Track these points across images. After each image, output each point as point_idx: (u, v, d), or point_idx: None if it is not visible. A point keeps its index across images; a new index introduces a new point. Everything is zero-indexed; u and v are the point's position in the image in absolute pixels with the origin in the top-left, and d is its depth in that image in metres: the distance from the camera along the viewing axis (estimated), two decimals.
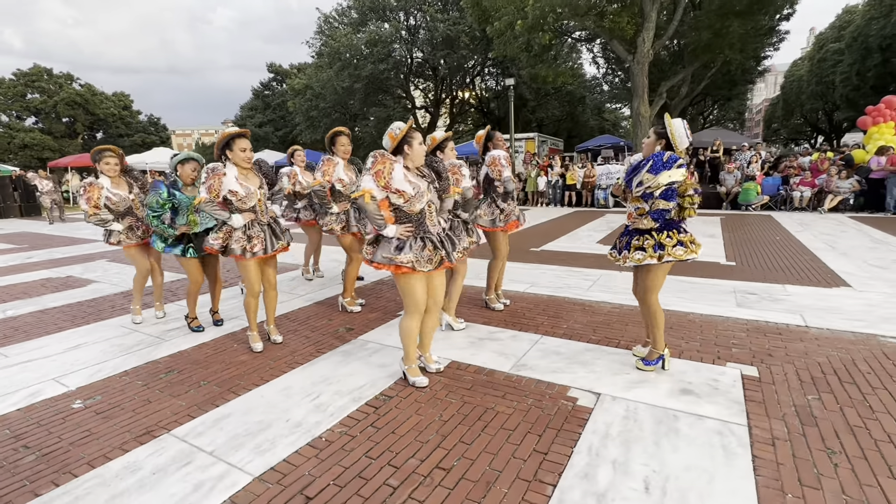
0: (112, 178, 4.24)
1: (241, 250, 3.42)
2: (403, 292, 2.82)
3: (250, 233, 3.45)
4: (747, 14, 16.11)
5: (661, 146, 2.84)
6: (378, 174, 2.64)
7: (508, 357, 3.35)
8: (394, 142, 2.69)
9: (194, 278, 4.04)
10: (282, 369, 3.29)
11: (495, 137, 4.14)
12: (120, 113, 42.70)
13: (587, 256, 6.95)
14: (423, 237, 2.76)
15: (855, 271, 5.50)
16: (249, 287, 3.56)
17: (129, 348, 3.78)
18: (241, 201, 3.40)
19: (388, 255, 2.71)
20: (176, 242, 3.93)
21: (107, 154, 4.22)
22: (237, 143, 3.36)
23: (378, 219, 2.69)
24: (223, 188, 3.32)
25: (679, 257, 2.82)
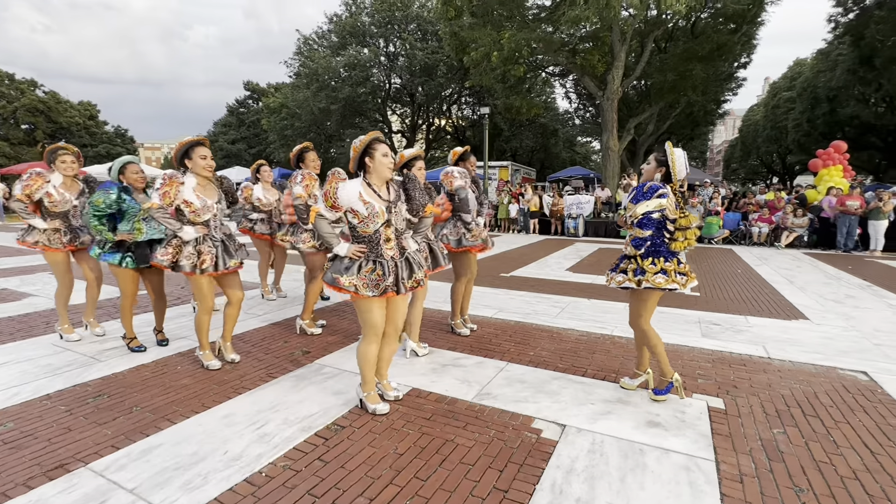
0: (66, 177, 3.94)
1: (190, 267, 3.19)
2: (360, 315, 2.67)
3: (201, 248, 3.23)
4: (709, 59, 17.09)
5: (660, 174, 2.82)
6: (325, 194, 2.55)
7: (472, 385, 3.20)
8: (354, 153, 2.57)
9: (127, 290, 3.71)
10: (227, 395, 3.02)
11: (468, 160, 4.08)
12: (85, 122, 41.25)
13: (556, 283, 6.92)
14: (375, 260, 2.62)
15: (812, 305, 5.65)
16: (203, 304, 3.31)
17: (56, 369, 3.43)
18: (195, 213, 3.20)
19: (334, 275, 2.58)
20: (113, 250, 3.63)
21: (61, 152, 3.94)
22: (196, 151, 3.18)
23: (329, 236, 2.58)
24: (178, 197, 3.12)
25: (657, 285, 2.78)
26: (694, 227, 2.82)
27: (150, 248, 3.63)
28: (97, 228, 3.50)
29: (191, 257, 3.20)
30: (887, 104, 27.05)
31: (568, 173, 22.86)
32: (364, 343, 2.69)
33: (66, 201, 3.91)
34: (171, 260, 3.20)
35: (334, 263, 2.63)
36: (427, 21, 26.89)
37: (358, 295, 2.55)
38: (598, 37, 16.20)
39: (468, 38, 16.42)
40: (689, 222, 2.80)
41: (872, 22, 22.71)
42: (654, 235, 2.81)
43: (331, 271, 2.61)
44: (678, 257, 2.87)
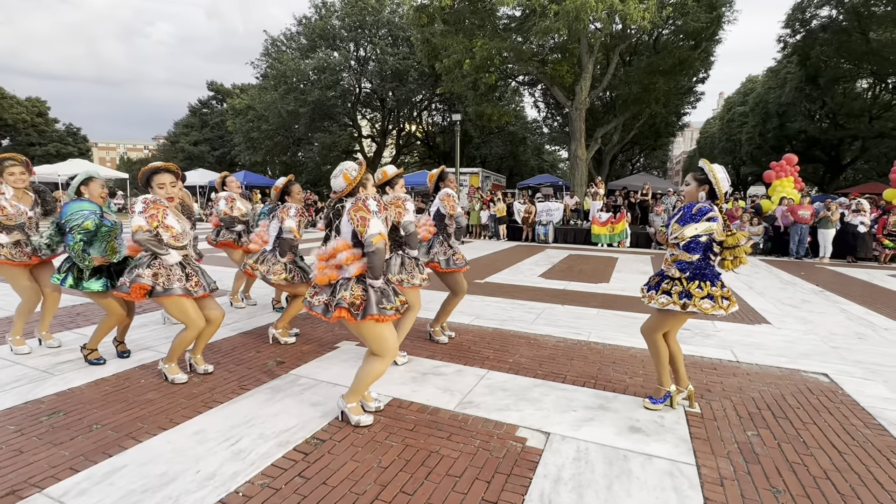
0: (17, 189, 3.66)
1: (182, 289, 3.07)
2: (378, 339, 2.59)
3: (189, 271, 3.13)
4: (670, 73, 17.82)
5: (704, 192, 2.74)
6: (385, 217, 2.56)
7: (454, 393, 3.16)
8: (350, 184, 2.51)
9: (117, 312, 3.51)
10: (197, 409, 2.86)
11: (447, 178, 4.11)
12: (33, 120, 38.99)
13: (530, 289, 6.98)
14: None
15: (772, 309, 5.92)
16: (192, 324, 3.15)
17: (4, 385, 3.16)
18: (176, 238, 3.06)
19: (385, 305, 2.54)
20: (95, 276, 3.39)
21: (8, 163, 3.63)
22: (156, 179, 3.06)
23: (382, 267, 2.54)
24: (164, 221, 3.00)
25: (704, 311, 2.69)
26: (744, 245, 2.71)
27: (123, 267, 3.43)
28: (82, 257, 3.27)
29: (182, 279, 3.07)
30: (830, 120, 28.95)
31: (537, 181, 23.29)
32: (380, 363, 2.63)
33: (20, 213, 3.64)
34: (153, 281, 3.02)
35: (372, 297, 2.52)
36: (398, 27, 26.87)
37: (386, 319, 2.53)
38: (566, 48, 16.64)
39: (440, 46, 16.51)
40: (738, 240, 2.70)
41: (817, 43, 24.34)
42: (700, 258, 2.73)
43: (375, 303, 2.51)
44: (721, 280, 2.80)
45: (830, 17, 23.82)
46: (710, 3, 15.36)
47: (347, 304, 2.49)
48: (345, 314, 2.49)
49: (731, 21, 16.50)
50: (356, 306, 2.50)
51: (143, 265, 3.05)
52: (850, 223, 11.94)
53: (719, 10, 15.67)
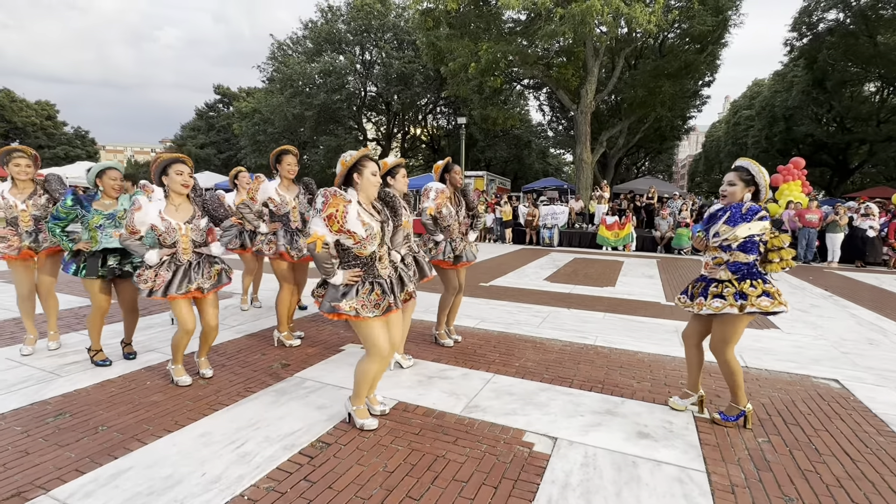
0: (21, 181, 3.68)
1: (147, 291, 3.04)
2: (363, 338, 2.56)
3: (158, 270, 3.08)
4: (676, 77, 17.77)
5: (750, 192, 2.68)
6: (331, 218, 2.37)
7: (460, 397, 3.13)
8: (343, 168, 2.49)
9: (98, 303, 3.50)
10: (202, 411, 2.86)
11: (453, 170, 4.04)
12: (42, 123, 39.41)
13: (535, 293, 6.95)
14: (372, 281, 2.55)
15: (781, 315, 5.84)
16: (182, 324, 3.14)
17: (11, 385, 3.17)
18: (162, 237, 3.07)
19: (333, 304, 2.47)
20: (71, 261, 3.44)
21: (16, 154, 3.67)
22: (173, 168, 3.04)
23: (328, 266, 2.44)
24: (143, 223, 2.98)
25: (765, 308, 2.61)
26: (787, 247, 2.66)
27: (101, 259, 3.44)
28: (57, 236, 3.34)
29: (147, 280, 3.06)
30: (838, 124, 28.77)
31: (542, 184, 23.21)
32: (368, 361, 2.58)
33: (9, 206, 3.66)
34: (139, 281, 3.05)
35: (329, 291, 2.51)
36: (404, 31, 26.98)
37: (359, 318, 2.47)
38: (572, 52, 16.63)
39: (445, 49, 16.55)
40: (782, 242, 2.66)
41: (824, 47, 24.22)
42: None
43: (328, 300, 2.48)
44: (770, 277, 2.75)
45: (837, 20, 23.71)
46: (716, 6, 15.34)
47: (316, 294, 2.60)
48: (316, 303, 2.61)
49: (737, 25, 16.47)
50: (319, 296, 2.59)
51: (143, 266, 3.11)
52: (859, 227, 11.84)
53: (725, 13, 15.62)
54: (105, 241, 3.43)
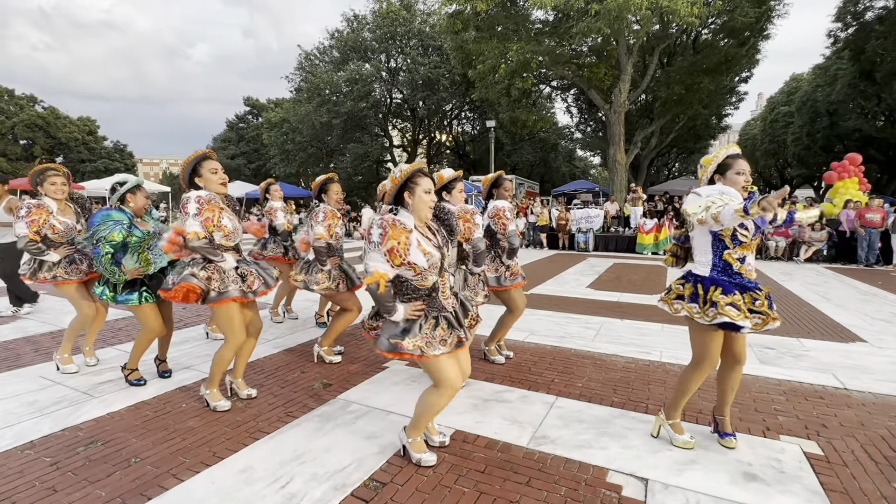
0: (58, 201, 3.56)
1: (239, 291, 2.82)
2: (431, 375, 2.24)
3: (243, 271, 2.88)
4: (715, 72, 17.00)
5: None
6: (392, 252, 2.06)
7: (524, 426, 2.78)
8: (393, 185, 2.18)
9: (152, 326, 3.28)
10: (241, 440, 2.59)
11: (503, 185, 3.72)
12: (84, 138, 41.08)
13: (581, 302, 6.53)
14: (436, 315, 2.23)
15: (861, 325, 5.26)
16: (234, 337, 2.88)
17: (44, 408, 2.99)
18: (228, 238, 2.83)
19: (393, 341, 2.15)
20: (129, 290, 3.19)
21: (51, 173, 3.55)
22: (205, 166, 2.81)
23: (389, 304, 2.14)
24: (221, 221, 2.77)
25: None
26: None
27: (161, 277, 3.24)
28: (111, 270, 3.09)
29: (237, 280, 2.84)
30: (886, 117, 27.12)
31: (573, 187, 22.63)
32: (436, 395, 2.25)
33: (69, 229, 3.58)
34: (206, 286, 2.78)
35: (387, 326, 2.20)
36: (429, 36, 26.92)
37: (425, 357, 2.15)
38: (604, 50, 16.11)
39: (474, 52, 16.29)
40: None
41: (873, 37, 22.84)
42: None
43: (386, 337, 2.17)
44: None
45: (887, 8, 22.33)
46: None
47: (367, 327, 2.36)
48: (366, 335, 2.35)
49: (781, 15, 15.61)
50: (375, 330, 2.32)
51: (198, 265, 2.78)
52: None
53: (769, 2, 14.81)
54: (159, 260, 3.23)
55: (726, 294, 2.29)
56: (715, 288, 2.33)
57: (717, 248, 2.37)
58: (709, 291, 2.34)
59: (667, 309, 2.55)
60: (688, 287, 2.45)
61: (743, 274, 2.35)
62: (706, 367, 2.45)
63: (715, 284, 2.35)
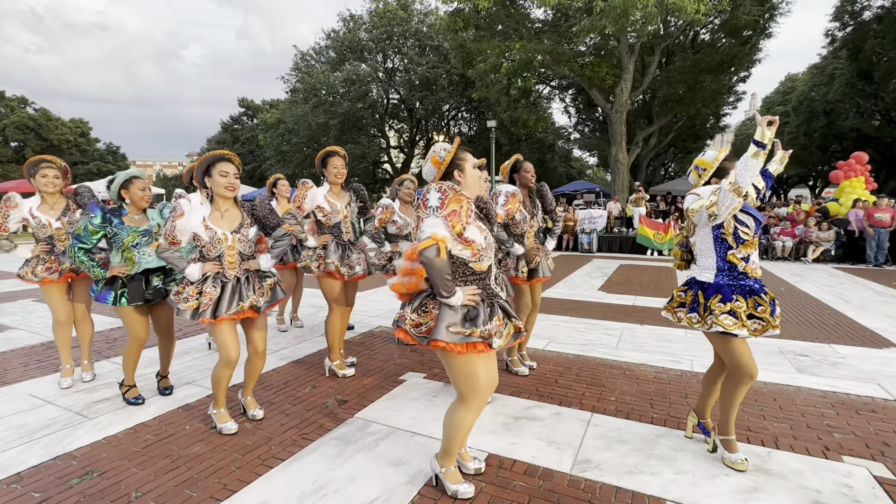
0: (49, 194, 3.29)
1: (190, 312, 2.56)
2: (463, 378, 1.97)
3: (203, 287, 2.59)
4: (717, 71, 16.88)
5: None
6: (454, 216, 1.83)
7: (562, 448, 2.54)
8: (439, 168, 1.96)
9: (136, 333, 3.03)
10: (254, 468, 2.34)
11: (522, 168, 3.48)
12: (76, 140, 40.50)
13: (595, 306, 6.31)
14: (491, 303, 1.99)
15: (890, 328, 5.07)
16: (226, 353, 2.64)
17: (34, 431, 2.73)
18: (205, 248, 2.59)
19: (460, 329, 1.87)
20: (107, 288, 2.95)
21: (44, 165, 3.27)
22: (217, 168, 2.57)
23: (448, 279, 1.85)
24: (183, 232, 2.53)
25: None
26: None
27: (145, 281, 2.98)
28: (85, 264, 2.86)
29: (189, 299, 2.57)
30: (883, 116, 27.18)
31: (572, 187, 22.47)
32: (464, 409, 2.00)
33: (41, 226, 3.27)
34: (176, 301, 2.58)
35: (444, 315, 1.88)
36: (427, 36, 26.70)
37: (489, 349, 1.91)
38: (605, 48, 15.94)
39: (475, 51, 16.07)
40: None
41: (871, 36, 22.85)
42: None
43: (444, 325, 1.86)
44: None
45: (884, 7, 22.35)
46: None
47: (408, 325, 1.96)
48: (403, 335, 1.99)
49: (783, 13, 15.50)
50: (422, 328, 1.94)
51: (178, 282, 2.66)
52: None
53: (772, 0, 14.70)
54: (145, 261, 2.98)
55: (725, 302, 2.22)
56: (716, 295, 2.26)
57: (720, 249, 2.30)
58: (710, 299, 2.26)
59: (670, 318, 2.47)
60: (689, 295, 2.38)
61: (749, 273, 2.27)
62: (743, 377, 2.29)
63: (717, 291, 2.27)
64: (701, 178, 2.56)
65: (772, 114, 37.76)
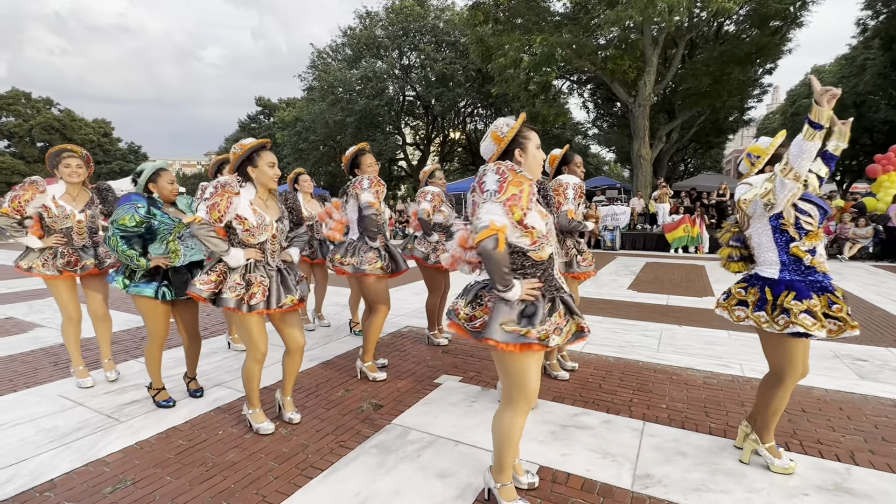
0: (72, 184, 3.20)
1: (235, 301, 2.42)
2: (513, 378, 1.80)
3: (250, 277, 2.47)
4: (746, 62, 16.35)
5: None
6: (514, 201, 1.65)
7: (619, 460, 2.37)
8: (499, 145, 1.79)
9: (156, 331, 2.93)
10: (292, 478, 2.22)
11: (573, 161, 3.32)
12: (99, 140, 41.33)
13: (627, 305, 6.08)
14: (553, 297, 1.80)
15: None
16: (253, 349, 2.54)
17: (65, 435, 2.65)
18: (250, 233, 2.45)
19: (517, 327, 1.69)
20: (147, 280, 2.85)
21: (66, 154, 3.17)
22: (263, 157, 2.45)
23: (506, 274, 1.67)
24: (230, 211, 2.38)
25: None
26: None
27: (190, 274, 2.88)
28: (127, 254, 2.73)
29: (236, 288, 2.43)
30: None
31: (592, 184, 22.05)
32: (513, 412, 1.84)
33: (65, 216, 3.17)
34: (212, 290, 2.45)
35: (498, 311, 1.71)
36: (443, 32, 26.51)
37: (545, 348, 1.74)
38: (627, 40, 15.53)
39: (495, 45, 15.83)
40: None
41: None
42: None
43: (499, 323, 1.69)
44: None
45: None
46: None
47: (461, 318, 1.81)
48: (455, 329, 1.83)
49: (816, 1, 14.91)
50: (476, 322, 1.77)
51: (207, 267, 2.52)
52: None
53: None
54: (190, 253, 2.87)
55: (801, 299, 2.00)
56: (788, 292, 2.04)
57: (781, 242, 2.10)
58: (780, 296, 2.05)
59: (726, 316, 2.29)
60: (752, 292, 2.17)
61: (816, 267, 2.07)
62: (790, 380, 2.16)
63: (789, 288, 2.05)
64: (754, 166, 2.37)
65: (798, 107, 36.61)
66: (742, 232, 2.32)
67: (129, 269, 2.87)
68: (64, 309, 3.29)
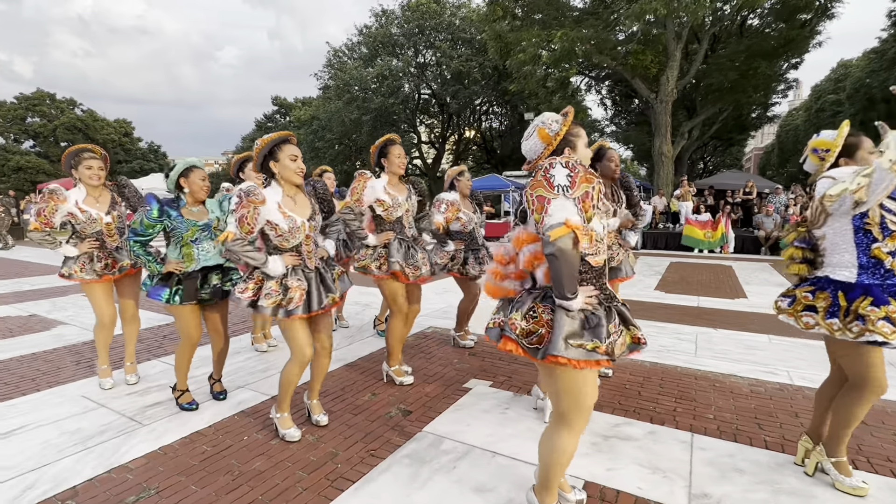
0: (93, 187, 3.14)
1: (272, 308, 2.33)
2: (571, 395, 1.64)
3: (287, 282, 2.36)
4: (773, 56, 15.86)
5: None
6: (587, 200, 1.50)
7: (670, 477, 2.19)
8: (549, 144, 1.64)
9: (188, 333, 2.84)
10: (322, 490, 2.10)
11: (606, 157, 3.14)
12: (120, 139, 42.11)
13: (657, 307, 5.86)
14: (609, 306, 1.64)
15: None
16: (299, 353, 2.43)
17: (88, 438, 2.57)
18: (283, 238, 2.34)
19: (583, 342, 1.51)
20: (161, 284, 2.76)
21: (87, 154, 3.09)
22: (284, 151, 2.34)
23: (574, 279, 1.49)
24: (259, 221, 2.28)
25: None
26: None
27: (203, 279, 2.79)
28: (142, 258, 2.69)
29: (272, 294, 2.33)
30: None
31: None
32: (568, 433, 1.69)
33: (92, 220, 3.10)
34: (251, 297, 2.35)
35: (562, 323, 1.53)
36: (459, 29, 26.34)
37: (610, 363, 1.59)
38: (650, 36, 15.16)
39: (513, 41, 15.60)
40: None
41: None
42: None
43: (562, 338, 1.51)
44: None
45: None
46: None
47: (518, 334, 1.60)
48: (513, 347, 1.62)
49: None
50: (532, 337, 1.58)
51: (245, 275, 2.45)
52: None
53: None
54: (204, 258, 2.79)
55: (878, 305, 1.83)
56: (864, 297, 1.87)
57: (861, 242, 1.93)
58: (855, 301, 1.88)
59: (793, 323, 2.12)
60: (822, 296, 2.00)
61: (895, 271, 1.89)
62: (870, 391, 1.99)
63: (865, 293, 1.88)
64: (825, 161, 2.18)
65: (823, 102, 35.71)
66: (810, 231, 2.14)
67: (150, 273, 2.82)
68: (100, 313, 3.22)
